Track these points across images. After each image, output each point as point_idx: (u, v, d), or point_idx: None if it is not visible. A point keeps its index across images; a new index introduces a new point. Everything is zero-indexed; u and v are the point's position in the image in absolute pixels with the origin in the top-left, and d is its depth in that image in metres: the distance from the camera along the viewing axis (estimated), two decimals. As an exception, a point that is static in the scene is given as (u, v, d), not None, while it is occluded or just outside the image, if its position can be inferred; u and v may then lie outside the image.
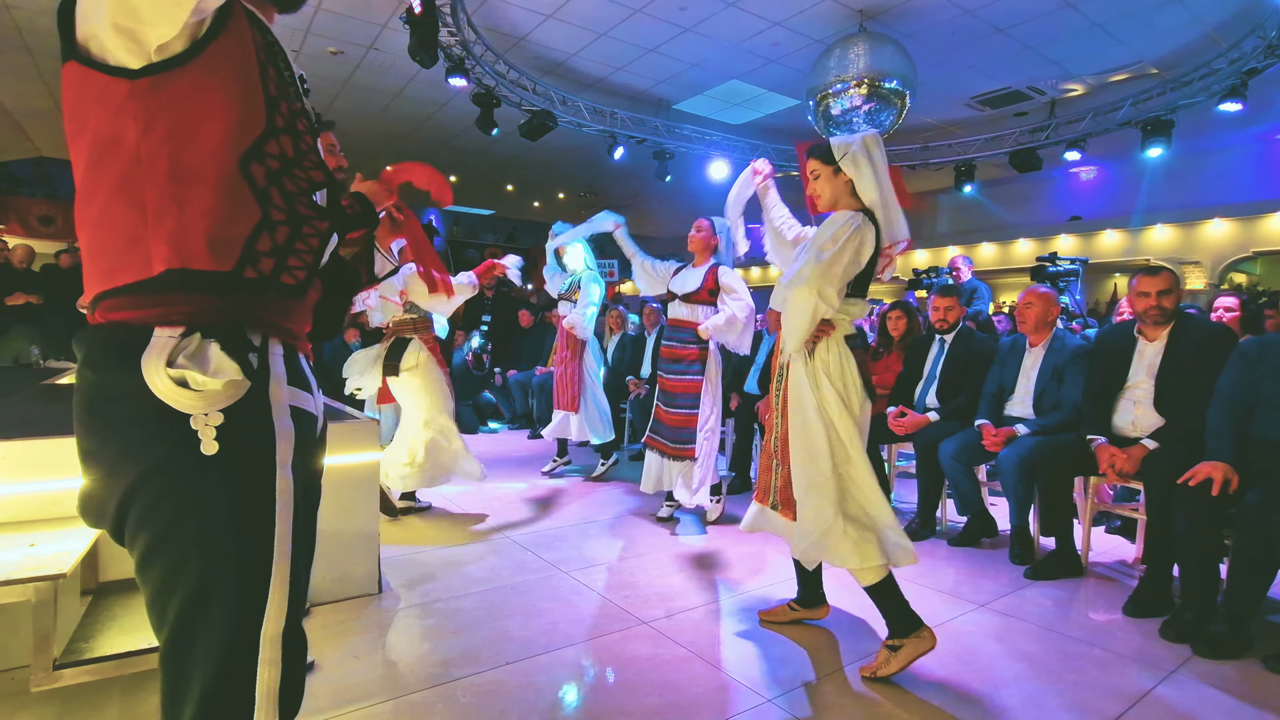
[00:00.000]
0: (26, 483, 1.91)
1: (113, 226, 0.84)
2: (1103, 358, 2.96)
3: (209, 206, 0.84)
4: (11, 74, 7.53)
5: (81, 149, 0.84)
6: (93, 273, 0.86)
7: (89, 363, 0.86)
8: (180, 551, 0.84)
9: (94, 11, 0.78)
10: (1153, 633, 2.32)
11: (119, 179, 0.83)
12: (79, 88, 0.83)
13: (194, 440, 0.84)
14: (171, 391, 0.82)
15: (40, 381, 3.77)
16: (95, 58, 0.81)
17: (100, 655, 1.59)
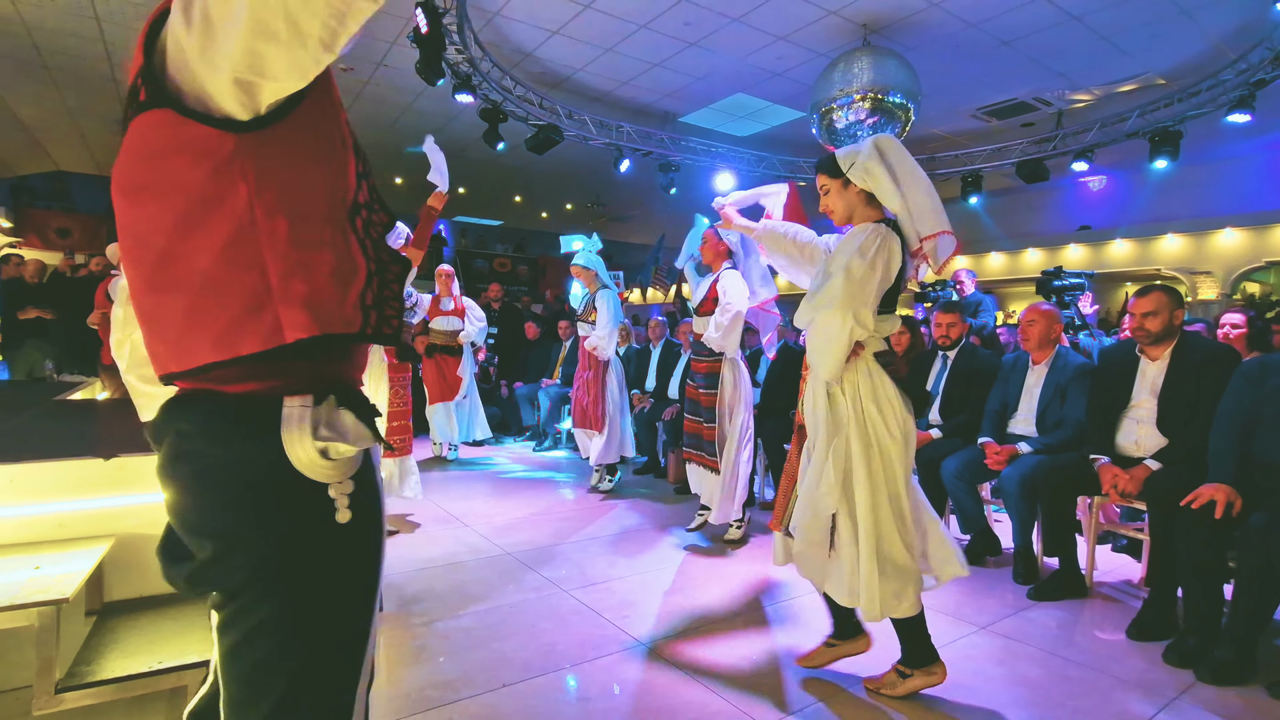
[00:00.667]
0: (33, 504, 1.94)
1: (227, 293, 0.77)
2: (1105, 376, 2.94)
3: (334, 267, 0.81)
4: (32, 92, 7.70)
5: (166, 203, 0.76)
6: (196, 342, 0.78)
7: (206, 433, 0.80)
8: (307, 622, 0.82)
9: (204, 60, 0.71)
10: (1156, 657, 2.29)
11: (229, 241, 0.76)
12: (162, 139, 0.75)
13: (331, 510, 0.82)
14: (313, 463, 0.80)
15: (54, 397, 3.83)
16: (193, 107, 0.73)
17: (103, 679, 1.61)
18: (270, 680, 0.81)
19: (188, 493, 0.82)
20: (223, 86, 0.71)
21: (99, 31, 6.20)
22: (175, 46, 0.72)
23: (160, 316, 0.80)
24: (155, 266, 0.78)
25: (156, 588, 2.10)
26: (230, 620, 0.82)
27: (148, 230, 0.77)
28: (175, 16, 0.71)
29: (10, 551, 1.83)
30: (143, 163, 0.76)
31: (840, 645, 2.17)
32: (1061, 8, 5.55)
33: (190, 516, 0.82)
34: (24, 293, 6.17)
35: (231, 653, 0.82)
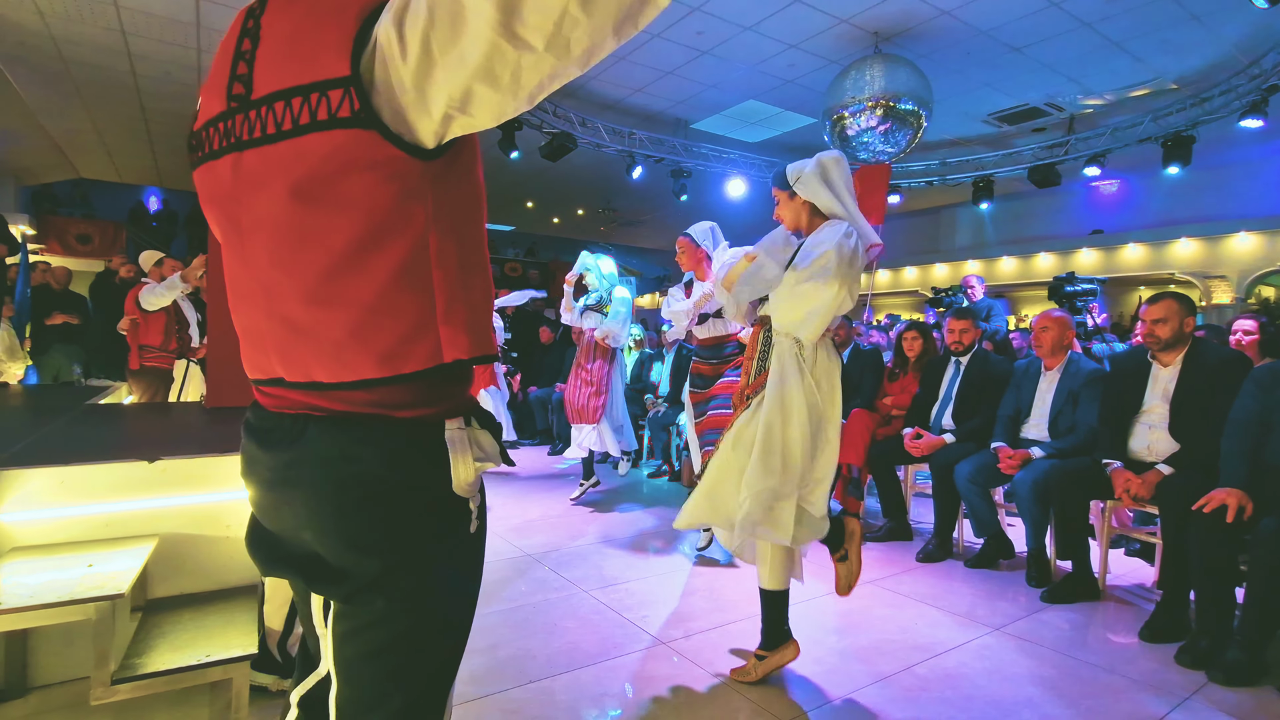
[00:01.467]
0: (83, 505, 2.03)
1: (398, 311, 0.79)
2: (1118, 382, 2.98)
3: (484, 290, 0.86)
4: (56, 102, 7.88)
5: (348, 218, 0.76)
6: (359, 357, 0.79)
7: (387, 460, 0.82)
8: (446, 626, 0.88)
9: (416, 90, 0.71)
10: (1168, 658, 2.33)
11: (404, 262, 0.78)
12: (363, 154, 0.74)
13: (469, 522, 0.88)
14: (469, 481, 0.85)
15: (84, 402, 3.94)
16: (393, 128, 0.74)
17: (153, 671, 1.69)
18: (399, 684, 0.84)
19: (357, 513, 0.82)
20: (427, 115, 0.72)
21: (124, 45, 6.36)
22: (386, 72, 0.72)
23: (317, 329, 0.80)
24: (323, 278, 0.78)
25: (197, 585, 2.19)
26: (368, 627, 0.83)
27: (317, 242, 0.77)
28: (391, 46, 0.70)
29: (64, 550, 1.92)
30: (331, 174, 0.75)
31: (770, 656, 2.19)
32: (1073, 14, 5.59)
33: (358, 537, 0.82)
34: (51, 299, 6.32)
35: (366, 657, 0.84)
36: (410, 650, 0.84)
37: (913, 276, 12.96)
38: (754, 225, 13.28)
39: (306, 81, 0.74)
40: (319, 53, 0.74)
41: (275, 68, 0.78)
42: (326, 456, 0.82)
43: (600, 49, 0.69)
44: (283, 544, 0.92)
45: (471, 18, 0.65)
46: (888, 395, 4.15)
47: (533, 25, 0.65)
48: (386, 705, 0.84)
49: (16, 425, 3.14)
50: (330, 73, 0.73)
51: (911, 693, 2.10)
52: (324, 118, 0.73)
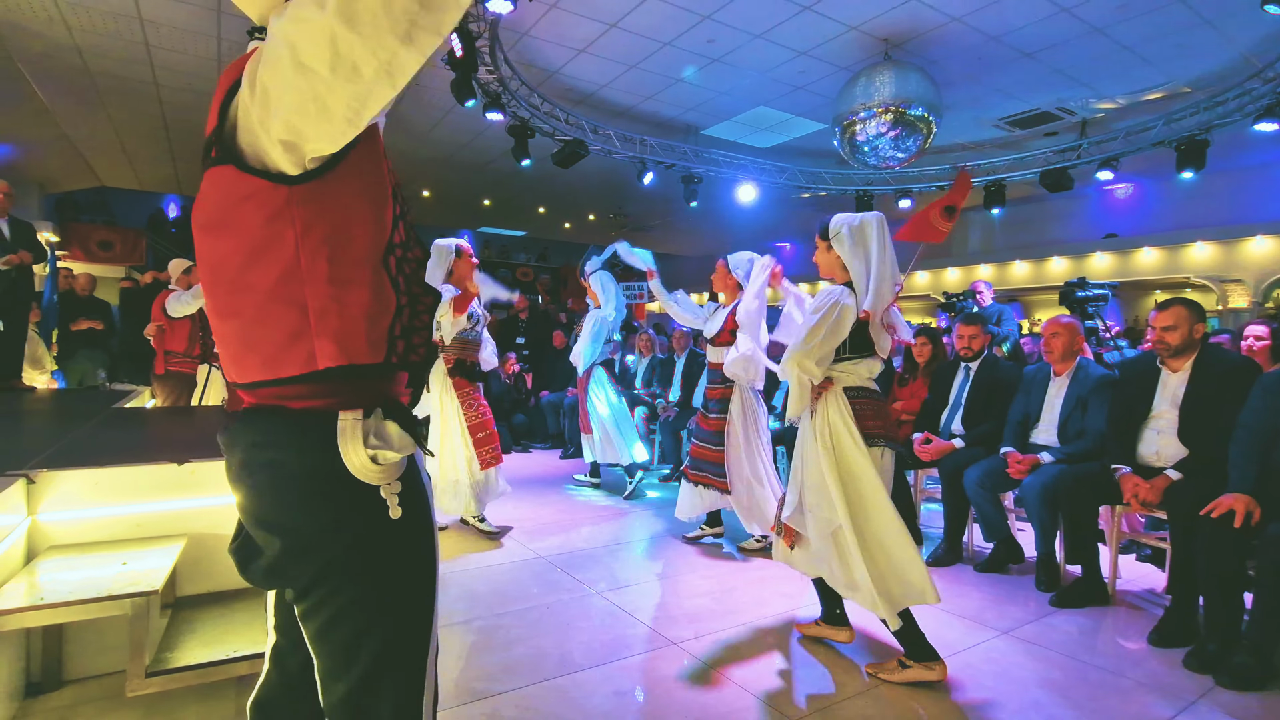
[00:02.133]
0: (116, 506, 2.11)
1: (272, 323, 0.89)
2: (1126, 387, 3.00)
3: (365, 306, 0.91)
4: (79, 111, 8.07)
5: (230, 245, 0.89)
6: (249, 361, 0.92)
7: (276, 444, 0.93)
8: (376, 608, 0.94)
9: (257, 126, 0.83)
10: (1176, 663, 2.34)
11: (278, 279, 0.87)
12: (231, 188, 0.87)
13: (384, 508, 0.94)
14: (365, 467, 0.92)
15: (110, 406, 4.05)
16: (253, 164, 0.85)
17: (184, 665, 1.76)
18: (355, 655, 0.94)
19: (262, 495, 0.94)
20: (273, 147, 0.83)
21: (147, 55, 6.52)
22: (243, 111, 0.84)
23: (225, 336, 0.94)
24: (224, 294, 0.91)
25: (224, 584, 2.26)
26: (314, 608, 0.94)
27: (219, 262, 0.90)
28: (244, 87, 0.83)
29: (98, 549, 2.00)
30: (216, 207, 0.89)
31: (826, 628, 2.49)
32: (1084, 20, 5.59)
33: (265, 516, 0.94)
34: (75, 305, 6.48)
35: (320, 634, 0.95)
36: (357, 623, 0.94)
37: (924, 281, 12.92)
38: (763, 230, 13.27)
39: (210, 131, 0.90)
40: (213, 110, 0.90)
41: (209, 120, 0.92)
42: (243, 444, 0.95)
43: (398, 63, 0.74)
44: (243, 535, 1.03)
45: (277, 57, 0.77)
46: (897, 400, 4.17)
47: (310, 54, 0.73)
48: (351, 672, 0.94)
49: (47, 429, 3.24)
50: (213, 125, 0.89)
51: (920, 694, 2.13)
52: (206, 162, 0.90)
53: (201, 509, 2.23)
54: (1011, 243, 12.12)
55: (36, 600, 1.64)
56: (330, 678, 0.96)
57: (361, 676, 0.94)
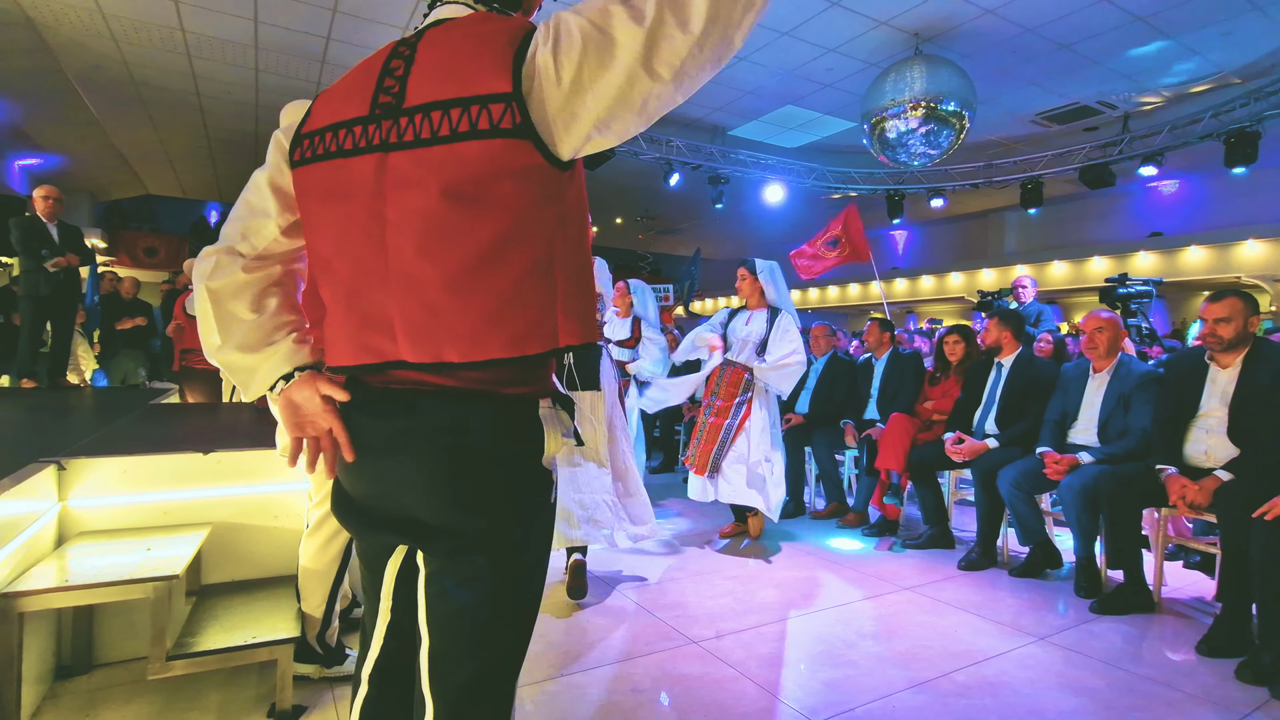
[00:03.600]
0: (144, 494, 2.15)
1: (528, 301, 0.89)
2: (1173, 384, 2.86)
3: (590, 289, 0.97)
4: (128, 123, 8.39)
5: (493, 217, 0.86)
6: (491, 339, 0.88)
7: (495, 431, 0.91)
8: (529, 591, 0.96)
9: (565, 111, 0.83)
10: (1228, 674, 2.21)
11: (538, 259, 0.88)
12: (515, 161, 0.84)
13: (551, 491, 0.98)
14: (554, 454, 0.96)
15: (148, 402, 4.16)
16: (546, 141, 0.85)
17: (206, 649, 1.77)
18: (491, 639, 0.92)
19: (470, 477, 0.91)
20: (573, 134, 0.85)
21: (189, 66, 6.73)
22: (541, 92, 0.83)
23: (456, 313, 0.88)
24: (468, 269, 0.86)
25: (247, 572, 2.29)
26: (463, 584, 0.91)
27: (465, 236, 0.85)
28: (548, 70, 0.82)
29: (125, 535, 2.04)
30: (484, 177, 0.84)
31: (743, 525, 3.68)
32: (1125, 9, 5.41)
33: (469, 499, 0.91)
34: (119, 306, 6.70)
35: (460, 612, 0.91)
36: (495, 609, 0.92)
37: (959, 282, 12.64)
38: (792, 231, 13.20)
39: (467, 95, 0.85)
40: (477, 73, 0.85)
41: (430, 83, 0.88)
42: (439, 426, 0.91)
43: (705, 78, 0.83)
44: (375, 511, 0.99)
45: (620, 53, 0.80)
46: (929, 400, 4.06)
47: (666, 61, 0.80)
48: (478, 658, 0.92)
49: (85, 422, 3.34)
50: (491, 89, 0.84)
51: (949, 699, 2.04)
52: (485, 127, 0.84)
53: (226, 498, 2.26)
54: (1050, 242, 11.79)
55: (63, 582, 1.68)
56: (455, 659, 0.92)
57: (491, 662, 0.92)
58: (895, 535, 3.82)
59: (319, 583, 1.96)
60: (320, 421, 0.98)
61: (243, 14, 5.70)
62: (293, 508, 2.35)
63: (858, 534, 3.89)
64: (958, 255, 13.43)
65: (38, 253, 4.70)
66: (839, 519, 4.13)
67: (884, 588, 3.01)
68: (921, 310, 13.73)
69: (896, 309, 13.52)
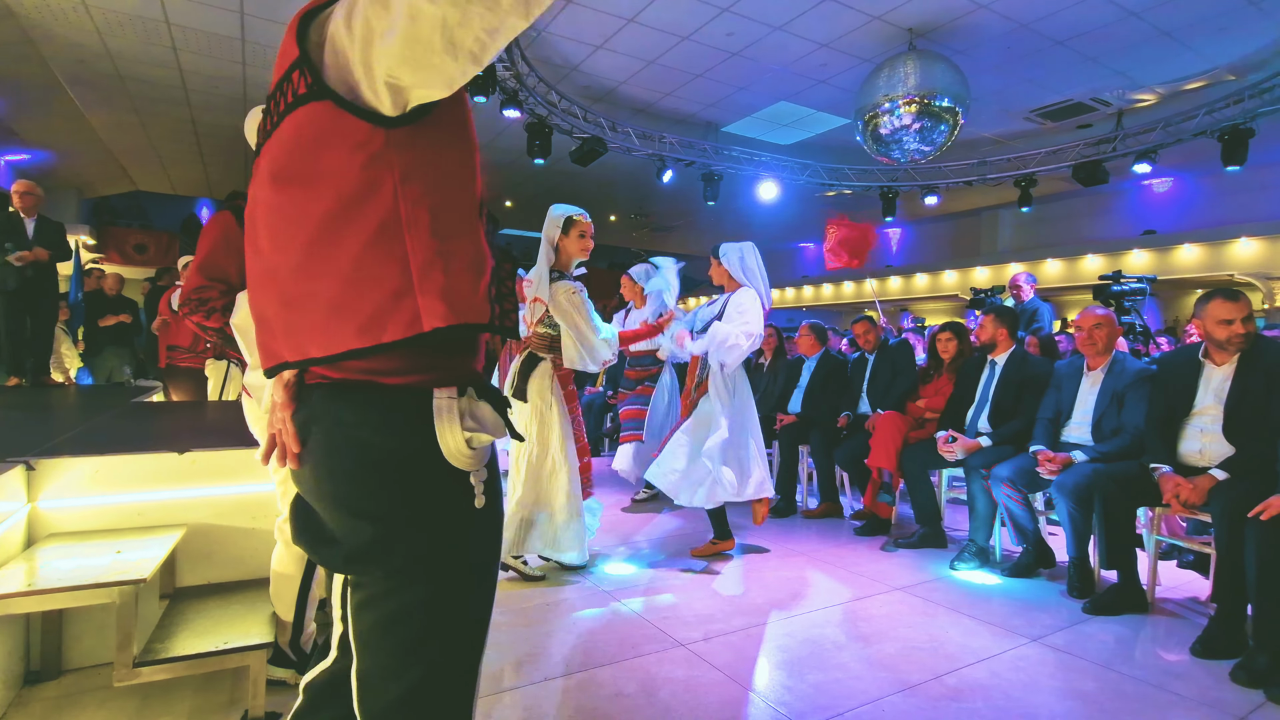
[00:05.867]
0: (116, 494, 2.09)
1: (372, 282, 0.80)
2: (1166, 382, 2.82)
3: (470, 259, 0.84)
4: (114, 118, 8.28)
5: (319, 193, 0.80)
6: (341, 329, 0.81)
7: (367, 423, 0.84)
8: (455, 602, 0.87)
9: (362, 64, 0.75)
10: (1223, 676, 2.18)
11: (377, 230, 0.79)
12: (324, 127, 0.78)
13: (472, 496, 0.87)
14: (459, 452, 0.85)
15: (131, 399, 4.09)
16: (348, 99, 0.77)
17: (176, 655, 1.72)
18: (416, 656, 0.84)
19: (349, 479, 0.85)
20: (376, 87, 0.75)
21: (175, 60, 6.64)
22: (334, 46, 0.77)
23: (306, 303, 0.82)
24: (305, 254, 0.81)
25: (223, 575, 2.23)
26: (382, 596, 0.85)
27: (300, 216, 0.80)
28: (338, 23, 0.75)
29: (95, 537, 1.98)
30: (300, 153, 0.80)
31: (719, 544, 3.38)
32: (1120, 4, 5.38)
33: (351, 502, 0.85)
34: (104, 304, 6.61)
35: (379, 627, 0.85)
36: (424, 623, 0.85)
37: (952, 280, 12.62)
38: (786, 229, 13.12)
39: (280, 74, 0.81)
40: (287, 47, 0.83)
41: (276, 67, 0.85)
42: (326, 422, 0.86)
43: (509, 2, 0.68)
44: (310, 516, 0.94)
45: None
46: (921, 398, 4.03)
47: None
48: (404, 678, 0.85)
49: (62, 421, 3.28)
50: (291, 58, 0.80)
51: (939, 703, 2.01)
52: (291, 100, 0.80)
53: (202, 499, 2.21)
54: (1043, 240, 11.77)
55: (26, 587, 1.62)
56: (380, 678, 0.86)
57: (419, 681, 0.84)
58: (887, 534, 3.79)
59: (288, 587, 1.91)
60: (275, 421, 0.94)
61: (229, 7, 5.62)
62: (270, 509, 2.29)
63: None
64: (951, 253, 13.41)
65: (1, 246, 4.64)
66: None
67: (875, 588, 2.97)
68: (915, 308, 13.71)
69: (890, 306, 13.51)
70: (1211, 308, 2.64)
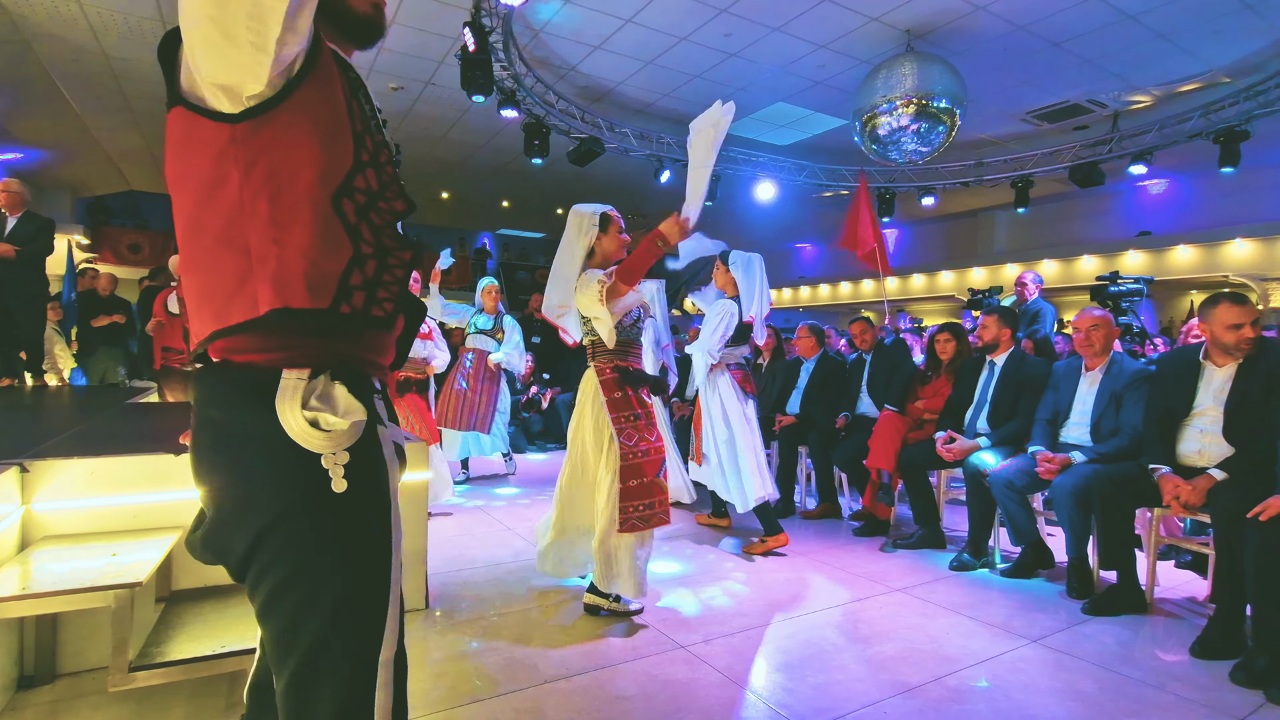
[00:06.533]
0: (111, 496, 2.07)
1: (220, 269, 0.85)
2: (1166, 383, 2.83)
3: (306, 246, 0.86)
4: (109, 117, 8.22)
5: (187, 192, 0.86)
6: (205, 313, 0.88)
7: (215, 402, 0.88)
8: (312, 587, 0.86)
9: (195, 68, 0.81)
10: (1222, 676, 2.18)
11: (225, 223, 0.84)
12: (184, 131, 0.85)
13: (326, 479, 0.86)
14: (304, 432, 0.85)
15: (125, 400, 4.07)
16: (197, 104, 0.83)
17: (171, 659, 1.70)
18: (294, 639, 0.85)
19: (203, 455, 0.88)
20: (210, 88, 0.81)
21: (171, 58, 6.60)
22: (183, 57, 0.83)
23: (190, 294, 0.91)
24: (184, 249, 0.89)
25: (219, 578, 2.21)
26: (254, 584, 0.87)
27: (180, 217, 0.88)
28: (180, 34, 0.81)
29: (90, 539, 1.96)
30: (173, 157, 0.88)
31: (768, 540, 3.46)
32: (1116, 7, 5.39)
33: (204, 477, 0.89)
34: (97, 304, 6.56)
35: (262, 615, 0.88)
36: (299, 598, 0.86)
37: (949, 281, 12.64)
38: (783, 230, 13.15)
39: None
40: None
41: None
42: (195, 402, 0.91)
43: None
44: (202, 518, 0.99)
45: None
46: (920, 399, 4.02)
47: None
48: (288, 661, 0.86)
49: (56, 422, 3.25)
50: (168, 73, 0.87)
51: (940, 705, 2.00)
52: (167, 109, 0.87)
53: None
54: (1039, 241, 11.80)
55: (20, 590, 1.60)
56: (276, 663, 0.88)
57: (300, 662, 0.85)
58: (886, 535, 3.79)
59: None
60: None
61: (225, 5, 5.59)
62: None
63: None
64: (948, 254, 13.44)
65: None
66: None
67: (874, 589, 2.97)
68: (911, 308, 13.73)
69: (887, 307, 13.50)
70: (1220, 312, 2.60)
